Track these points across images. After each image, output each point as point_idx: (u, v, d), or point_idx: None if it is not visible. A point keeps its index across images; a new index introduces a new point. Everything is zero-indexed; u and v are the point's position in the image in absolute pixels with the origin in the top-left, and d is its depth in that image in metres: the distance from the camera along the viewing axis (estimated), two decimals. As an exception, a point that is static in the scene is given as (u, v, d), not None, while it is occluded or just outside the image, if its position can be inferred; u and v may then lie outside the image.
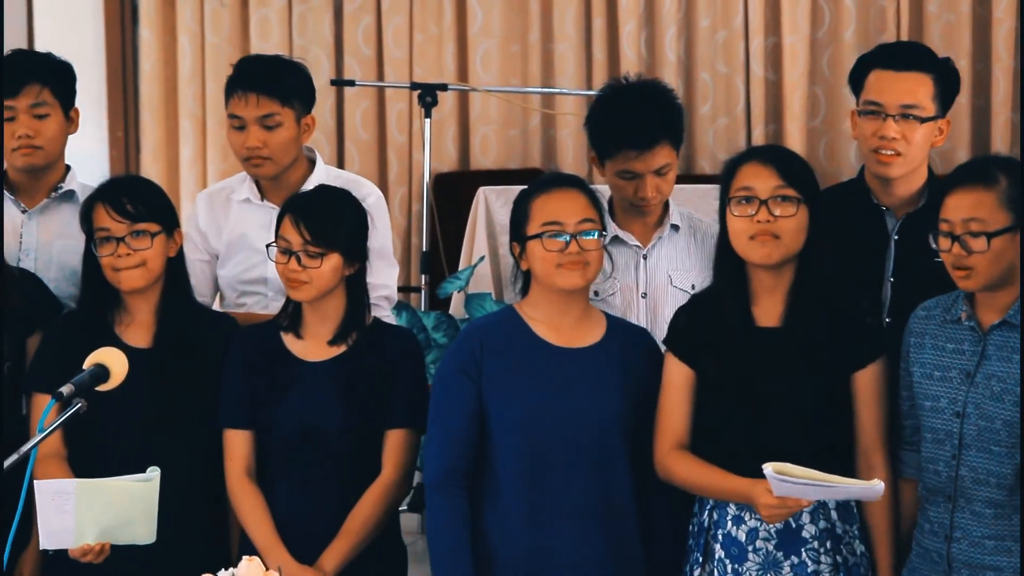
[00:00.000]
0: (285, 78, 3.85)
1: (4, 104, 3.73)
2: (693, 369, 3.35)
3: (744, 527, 3.27)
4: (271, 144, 3.79)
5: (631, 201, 3.72)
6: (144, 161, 7.10)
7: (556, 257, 3.32)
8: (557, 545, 3.32)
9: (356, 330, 3.48)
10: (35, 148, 3.77)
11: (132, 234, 3.44)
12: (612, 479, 3.35)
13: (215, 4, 6.96)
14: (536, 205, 3.37)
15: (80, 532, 3.13)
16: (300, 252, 3.40)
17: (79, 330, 3.46)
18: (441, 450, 3.35)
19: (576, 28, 6.60)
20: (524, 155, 6.78)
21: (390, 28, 6.78)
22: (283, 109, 3.80)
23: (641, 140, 3.65)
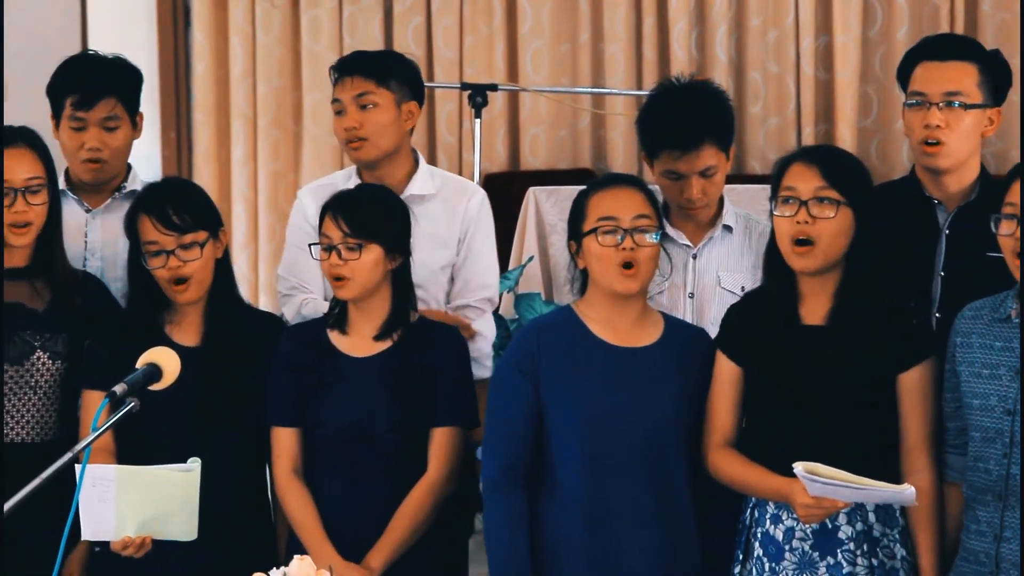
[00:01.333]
0: (382, 61, 3.87)
1: (76, 115, 3.75)
2: (740, 367, 3.34)
3: (781, 526, 3.26)
4: (367, 124, 3.79)
5: (679, 204, 3.71)
6: (196, 162, 7.14)
7: (611, 253, 3.32)
8: (616, 543, 3.32)
9: (401, 326, 3.49)
10: (102, 162, 3.79)
11: (181, 247, 3.45)
12: (670, 478, 3.35)
13: (266, 5, 6.99)
14: (592, 202, 3.38)
15: (121, 523, 3.14)
16: (340, 246, 3.42)
17: (129, 329, 3.48)
18: (499, 449, 3.36)
19: (626, 28, 6.58)
20: (574, 155, 6.77)
21: (440, 28, 6.79)
22: (378, 89, 3.80)
23: (685, 140, 3.64)
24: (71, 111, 3.76)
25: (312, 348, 3.50)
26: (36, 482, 2.53)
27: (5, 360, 3.47)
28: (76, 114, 3.76)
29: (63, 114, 3.79)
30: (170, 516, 3.15)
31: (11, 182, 3.44)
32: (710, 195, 3.71)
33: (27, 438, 3.51)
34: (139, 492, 3.11)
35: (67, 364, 3.54)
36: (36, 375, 3.51)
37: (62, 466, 2.60)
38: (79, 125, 3.77)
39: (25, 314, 3.51)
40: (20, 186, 3.44)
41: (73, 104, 3.76)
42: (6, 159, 3.46)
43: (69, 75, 3.82)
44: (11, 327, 3.49)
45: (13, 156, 3.47)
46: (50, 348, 3.51)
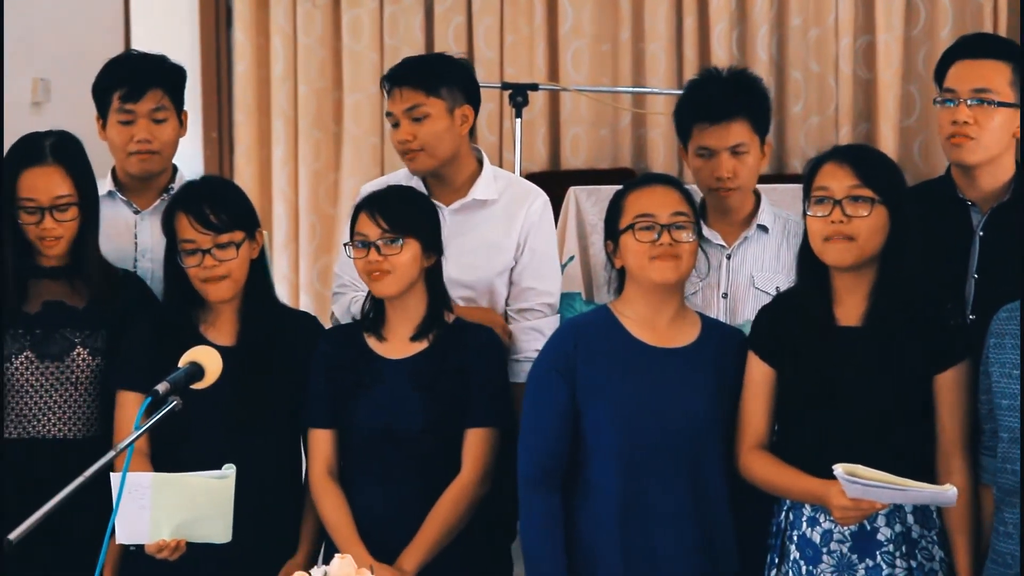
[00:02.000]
0: (430, 69, 3.83)
1: (124, 107, 3.76)
2: (774, 368, 3.32)
3: (819, 528, 3.24)
4: (420, 135, 3.76)
5: (710, 187, 3.69)
6: (237, 162, 7.16)
7: (648, 249, 3.31)
8: (651, 543, 3.32)
9: (437, 327, 3.49)
10: (152, 153, 3.80)
11: (217, 246, 3.46)
12: (706, 478, 3.34)
13: (307, 5, 7.01)
14: (629, 200, 3.38)
15: (156, 527, 3.15)
16: (379, 242, 3.42)
17: (164, 329, 3.49)
18: (535, 449, 3.35)
19: (667, 27, 6.57)
20: (614, 155, 6.76)
21: (481, 28, 6.79)
22: (428, 99, 3.76)
23: (715, 111, 3.66)
24: (119, 104, 3.78)
25: (348, 350, 3.50)
26: (79, 481, 2.54)
27: (46, 356, 3.50)
28: (125, 107, 3.78)
29: (110, 109, 3.80)
30: (205, 520, 3.16)
31: (39, 201, 3.46)
32: (741, 177, 3.69)
33: (68, 434, 3.53)
34: (174, 498, 3.12)
35: (106, 360, 3.56)
36: (76, 371, 3.53)
37: (104, 465, 2.61)
38: (128, 119, 3.79)
39: (65, 311, 3.54)
40: (47, 204, 3.46)
41: (121, 97, 3.78)
42: (35, 177, 3.47)
43: (115, 71, 3.85)
44: (51, 324, 3.52)
45: (42, 174, 3.48)
46: (90, 344, 3.53)
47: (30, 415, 3.51)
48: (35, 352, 3.50)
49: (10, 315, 3.50)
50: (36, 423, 3.51)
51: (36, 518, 2.44)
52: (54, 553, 3.39)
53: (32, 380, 3.50)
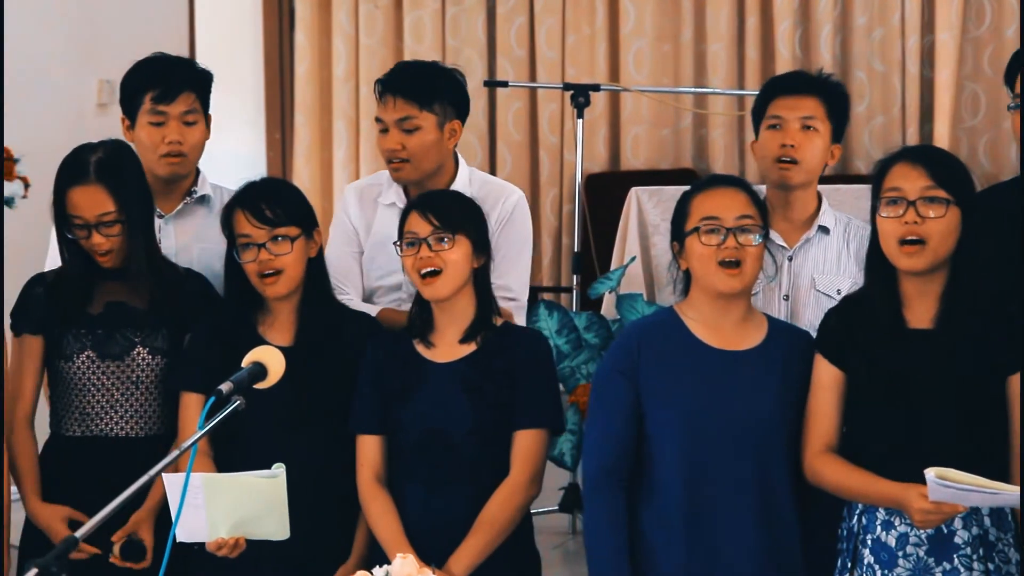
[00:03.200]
0: (428, 82, 3.84)
1: (156, 108, 3.79)
2: (843, 371, 3.30)
3: (894, 532, 3.21)
4: (409, 147, 3.79)
5: (774, 157, 3.67)
6: (296, 163, 7.20)
7: (714, 253, 3.29)
8: (716, 546, 3.29)
9: (485, 330, 3.48)
10: (181, 156, 3.82)
11: (272, 240, 3.47)
12: (772, 481, 3.31)
13: (370, 6, 7.04)
14: (696, 202, 3.35)
15: (213, 525, 3.16)
16: (430, 239, 3.41)
17: (224, 330, 3.51)
18: (599, 450, 3.34)
19: (729, 27, 6.55)
20: (675, 155, 6.75)
21: (543, 29, 6.80)
22: (421, 113, 3.79)
23: (793, 84, 3.74)
24: (151, 106, 3.79)
25: (397, 355, 3.49)
26: (143, 480, 2.55)
27: (107, 356, 3.53)
28: (157, 108, 3.79)
29: (141, 110, 3.81)
30: (260, 518, 3.17)
31: (85, 218, 3.50)
32: (805, 152, 3.67)
33: (131, 432, 3.56)
34: (226, 498, 3.13)
35: (167, 359, 3.58)
36: (137, 370, 3.55)
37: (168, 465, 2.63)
38: (159, 120, 3.80)
39: (126, 312, 3.56)
40: (93, 222, 3.50)
41: (154, 98, 3.79)
42: (80, 196, 3.51)
43: (147, 72, 3.86)
44: (113, 325, 3.55)
45: (86, 193, 3.51)
46: (150, 344, 3.55)
47: (92, 413, 3.54)
48: (96, 352, 3.52)
49: (74, 316, 3.54)
50: (98, 421, 3.54)
51: (102, 516, 2.46)
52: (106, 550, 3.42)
53: (94, 379, 3.53)
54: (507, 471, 3.43)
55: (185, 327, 3.59)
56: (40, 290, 3.57)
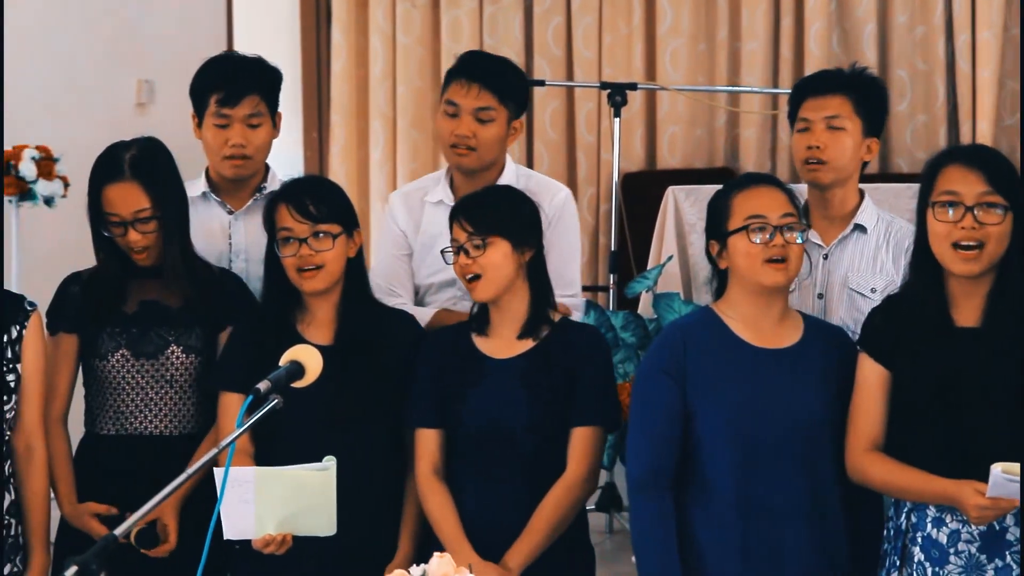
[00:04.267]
0: (508, 77, 3.87)
1: (220, 111, 3.80)
2: (889, 370, 3.28)
3: (945, 529, 3.19)
4: (480, 136, 3.80)
5: (802, 159, 3.66)
6: (332, 162, 7.21)
7: (761, 251, 3.28)
8: (769, 543, 3.28)
9: (543, 324, 3.48)
10: (245, 158, 3.83)
11: (314, 235, 3.48)
12: (819, 478, 3.30)
13: (407, 5, 7.04)
14: (737, 201, 3.34)
15: (261, 522, 3.16)
16: (466, 244, 3.43)
17: (263, 329, 3.52)
18: (646, 451, 3.33)
19: (765, 26, 6.53)
20: (710, 154, 6.73)
21: (580, 28, 6.80)
22: (499, 106, 3.81)
23: (820, 85, 3.72)
24: (216, 108, 3.81)
25: (455, 351, 3.51)
26: (182, 478, 2.56)
27: (141, 355, 3.54)
28: (221, 111, 3.80)
29: (207, 112, 3.83)
30: (308, 513, 3.17)
31: (121, 215, 3.51)
32: (831, 152, 3.65)
33: (164, 431, 3.57)
34: (277, 492, 3.13)
35: (201, 358, 3.59)
36: (171, 369, 3.56)
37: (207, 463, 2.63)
38: (223, 122, 3.81)
39: (160, 311, 3.57)
40: (129, 219, 3.51)
41: (218, 101, 3.80)
42: (116, 193, 3.52)
43: (214, 73, 3.87)
44: (147, 323, 3.56)
45: (121, 190, 3.52)
46: (184, 343, 3.56)
47: (126, 411, 3.55)
48: (131, 350, 3.54)
49: (108, 315, 3.56)
50: (132, 419, 3.55)
51: (140, 513, 2.47)
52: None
53: (128, 377, 3.55)
54: (563, 467, 3.44)
55: (219, 326, 3.60)
56: (75, 289, 3.59)
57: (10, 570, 3.37)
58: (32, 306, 3.42)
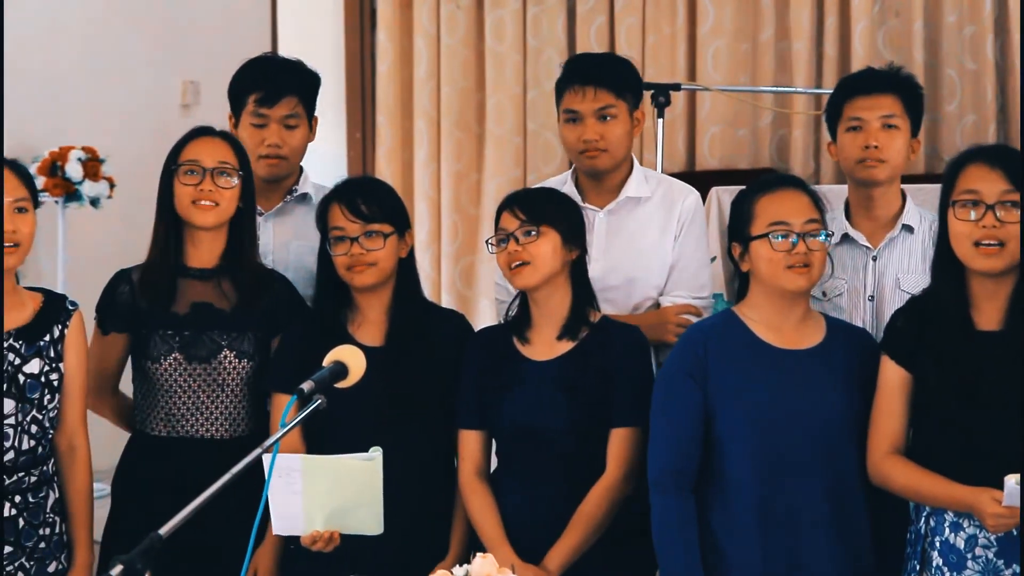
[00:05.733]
0: (619, 71, 3.85)
1: (258, 111, 3.82)
2: (910, 373, 3.26)
3: (962, 534, 3.18)
4: (607, 136, 3.78)
5: (857, 159, 3.64)
6: (378, 162, 7.23)
7: (783, 258, 3.27)
8: (791, 545, 3.27)
9: (582, 326, 3.48)
10: (281, 158, 3.85)
11: (365, 234, 3.49)
12: (843, 479, 3.29)
13: (451, 6, 7.05)
14: (760, 205, 3.33)
15: (309, 516, 3.18)
16: (517, 232, 3.43)
17: (314, 331, 3.53)
18: (667, 452, 3.33)
19: (809, 25, 6.50)
20: (754, 154, 6.70)
21: (623, 28, 6.79)
22: (618, 101, 3.78)
23: (869, 84, 3.68)
24: (254, 108, 3.83)
25: (496, 352, 3.52)
26: (227, 477, 2.57)
27: (194, 359, 3.56)
28: (259, 111, 3.82)
29: (244, 111, 3.85)
30: (355, 508, 3.18)
31: (201, 162, 3.52)
32: (889, 152, 3.63)
33: (216, 434, 3.58)
34: (324, 482, 3.15)
35: (254, 363, 3.60)
36: (224, 373, 3.58)
37: (252, 462, 2.64)
38: (261, 122, 3.83)
39: (213, 314, 3.58)
40: (211, 167, 3.51)
41: (256, 101, 3.82)
42: (202, 143, 3.55)
43: (253, 73, 3.89)
44: (199, 327, 3.57)
45: (209, 142, 3.55)
46: (236, 347, 3.58)
47: (178, 414, 3.57)
48: (183, 354, 3.55)
49: (160, 316, 3.58)
50: (184, 422, 3.57)
51: (186, 514, 2.48)
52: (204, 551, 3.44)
53: (180, 381, 3.56)
54: (602, 468, 3.44)
55: (271, 330, 3.61)
56: (126, 288, 3.60)
57: (55, 568, 3.40)
58: (74, 305, 3.45)
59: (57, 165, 6.04)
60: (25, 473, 3.34)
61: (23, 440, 3.33)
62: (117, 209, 6.11)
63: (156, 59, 6.76)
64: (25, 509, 3.35)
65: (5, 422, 3.31)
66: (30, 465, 3.35)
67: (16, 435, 3.32)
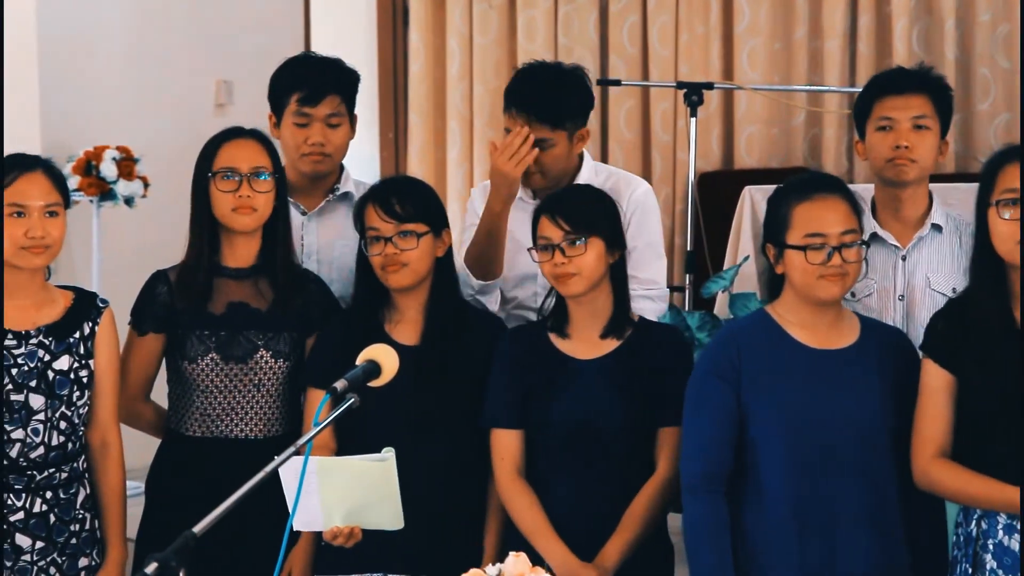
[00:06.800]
0: (557, 103, 3.78)
1: (301, 110, 3.83)
2: (953, 375, 3.24)
3: (1017, 536, 3.16)
4: (544, 162, 3.78)
5: (887, 158, 3.62)
6: (410, 162, 7.24)
7: (817, 269, 3.26)
8: (828, 547, 3.26)
9: (626, 324, 3.48)
10: (324, 156, 3.86)
11: (400, 234, 3.50)
12: (879, 480, 3.27)
13: (483, 6, 7.06)
14: (798, 213, 3.30)
15: (328, 513, 3.18)
16: (562, 244, 3.42)
17: (352, 328, 3.54)
18: (700, 454, 3.32)
19: (843, 24, 6.48)
20: (788, 153, 6.68)
21: (655, 27, 6.77)
22: (553, 133, 3.78)
23: (900, 84, 3.66)
24: (297, 107, 3.83)
25: (534, 350, 3.51)
26: (260, 476, 2.58)
27: (231, 359, 3.57)
28: (302, 110, 3.83)
29: (287, 110, 3.86)
30: (373, 505, 3.18)
31: (238, 168, 3.54)
32: (919, 152, 3.61)
33: (251, 434, 3.59)
34: (339, 482, 3.14)
35: (290, 363, 3.61)
36: (260, 373, 3.58)
37: (283, 461, 2.65)
38: (304, 121, 3.83)
39: (249, 314, 3.59)
40: (246, 172, 3.53)
41: (300, 100, 3.83)
42: (235, 147, 3.57)
43: (296, 72, 3.90)
44: (236, 326, 3.58)
45: (242, 146, 3.57)
46: (273, 347, 3.58)
47: (214, 415, 3.58)
48: (220, 354, 3.56)
49: (197, 316, 3.59)
50: (220, 422, 3.58)
51: (219, 512, 2.49)
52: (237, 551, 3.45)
53: (217, 381, 3.57)
54: (652, 466, 3.43)
55: (305, 330, 3.62)
56: (163, 288, 3.61)
57: (87, 563, 3.42)
58: (104, 303, 3.47)
59: (92, 164, 6.07)
60: (56, 469, 3.36)
61: (53, 436, 3.35)
62: (151, 208, 6.13)
63: (190, 59, 6.79)
64: (56, 505, 3.37)
65: (35, 418, 3.33)
66: (60, 461, 3.37)
67: (46, 431, 3.34)
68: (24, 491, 3.33)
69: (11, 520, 3.31)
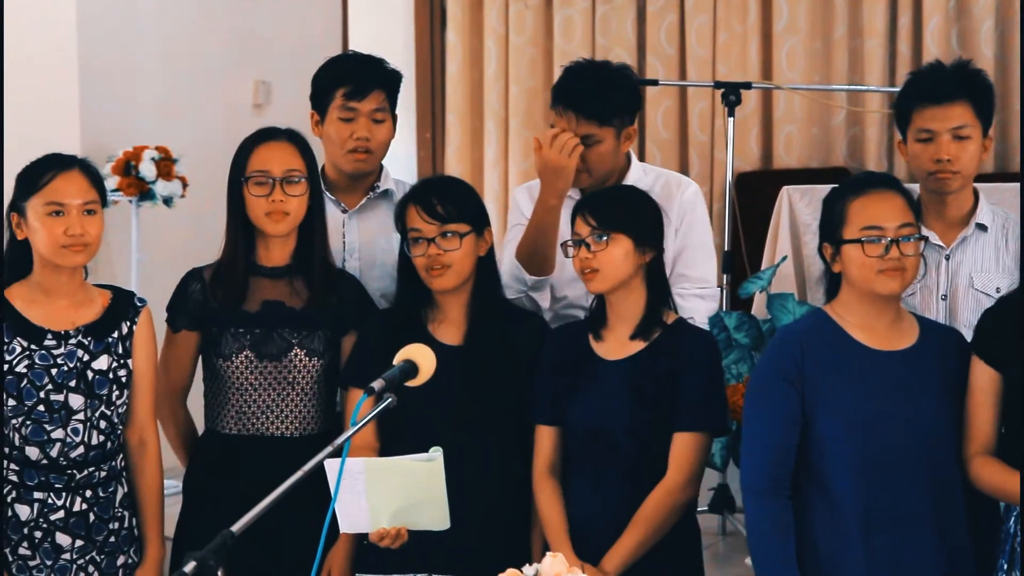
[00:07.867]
0: (604, 99, 3.78)
1: (348, 105, 3.84)
2: (1000, 373, 3.22)
3: (1053, 534, 3.14)
4: (590, 159, 3.78)
5: (928, 171, 3.59)
6: (448, 161, 7.24)
7: (876, 263, 3.23)
8: (894, 547, 3.24)
9: (655, 327, 3.46)
10: (368, 152, 3.87)
11: (442, 235, 3.50)
12: (944, 480, 3.25)
13: (520, 6, 7.06)
14: (854, 208, 3.28)
15: (375, 515, 3.18)
16: (588, 239, 3.42)
17: (394, 328, 3.54)
18: (764, 458, 3.29)
19: (882, 23, 6.45)
20: (826, 153, 6.66)
21: (693, 27, 6.76)
22: (601, 129, 3.78)
23: (938, 92, 3.59)
24: (343, 102, 3.84)
25: (571, 350, 3.51)
26: (299, 475, 2.58)
27: (264, 356, 3.58)
28: (348, 104, 3.83)
29: (332, 105, 3.86)
30: (420, 506, 3.18)
31: (271, 172, 3.54)
32: (961, 162, 3.58)
33: (286, 432, 3.60)
34: (387, 483, 3.15)
35: (324, 361, 3.62)
36: (294, 371, 3.59)
37: (320, 461, 2.65)
38: (350, 116, 3.84)
39: (284, 312, 3.60)
40: (279, 176, 3.54)
41: (346, 95, 3.83)
42: (269, 150, 3.57)
43: (341, 68, 3.91)
44: (270, 325, 3.59)
45: (276, 148, 3.58)
46: (307, 346, 3.59)
47: (248, 412, 3.59)
48: (254, 352, 3.57)
49: (231, 313, 3.60)
50: (255, 420, 3.59)
51: (258, 511, 2.49)
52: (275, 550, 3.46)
53: (251, 379, 3.58)
54: (665, 471, 3.42)
55: (339, 329, 3.62)
56: (197, 286, 3.62)
57: (125, 561, 3.43)
58: (142, 302, 3.48)
59: (131, 165, 6.10)
60: (95, 468, 3.38)
61: (92, 435, 3.37)
62: (190, 208, 6.16)
63: (228, 59, 6.81)
64: (96, 503, 3.38)
65: (74, 417, 3.35)
66: (99, 460, 3.39)
67: (85, 430, 3.35)
68: (64, 490, 3.35)
69: (51, 519, 3.33)
